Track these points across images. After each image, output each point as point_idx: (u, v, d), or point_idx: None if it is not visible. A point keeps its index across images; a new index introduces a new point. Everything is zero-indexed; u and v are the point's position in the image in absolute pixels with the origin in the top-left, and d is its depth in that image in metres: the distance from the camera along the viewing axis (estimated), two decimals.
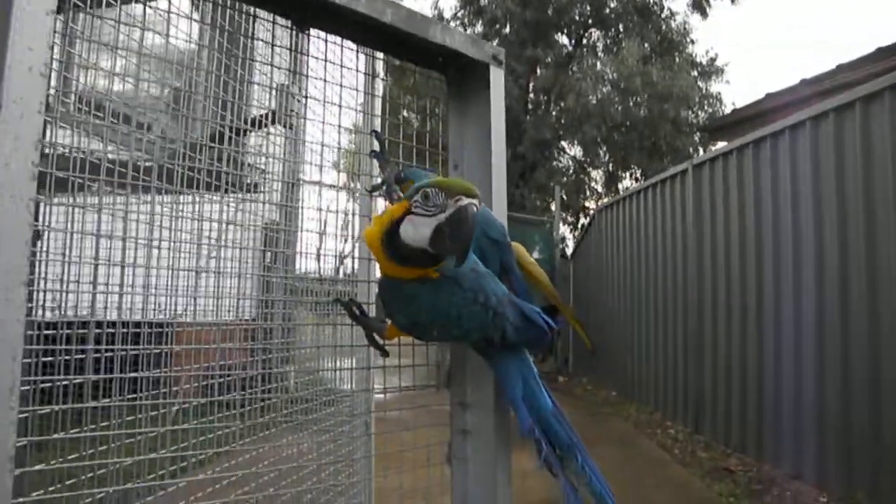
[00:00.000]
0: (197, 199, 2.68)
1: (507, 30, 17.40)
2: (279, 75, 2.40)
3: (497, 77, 1.62)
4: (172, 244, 2.34)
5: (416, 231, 1.28)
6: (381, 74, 2.53)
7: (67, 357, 2.27)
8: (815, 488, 5.45)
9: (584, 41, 18.86)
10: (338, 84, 1.82)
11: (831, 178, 5.45)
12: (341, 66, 1.64)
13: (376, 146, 1.71)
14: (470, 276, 1.37)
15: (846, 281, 5.26)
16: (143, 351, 2.39)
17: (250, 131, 2.66)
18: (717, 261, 7.35)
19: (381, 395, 3.35)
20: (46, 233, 2.38)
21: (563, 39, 18.88)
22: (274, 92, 2.57)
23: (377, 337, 1.55)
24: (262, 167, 3.19)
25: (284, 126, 2.62)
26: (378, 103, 2.42)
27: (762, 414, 6.35)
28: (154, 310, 2.81)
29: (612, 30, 18.63)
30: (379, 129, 1.72)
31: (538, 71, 18.41)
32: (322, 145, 2.10)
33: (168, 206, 2.46)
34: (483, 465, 1.53)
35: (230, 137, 2.42)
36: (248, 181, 3.13)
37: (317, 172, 2.34)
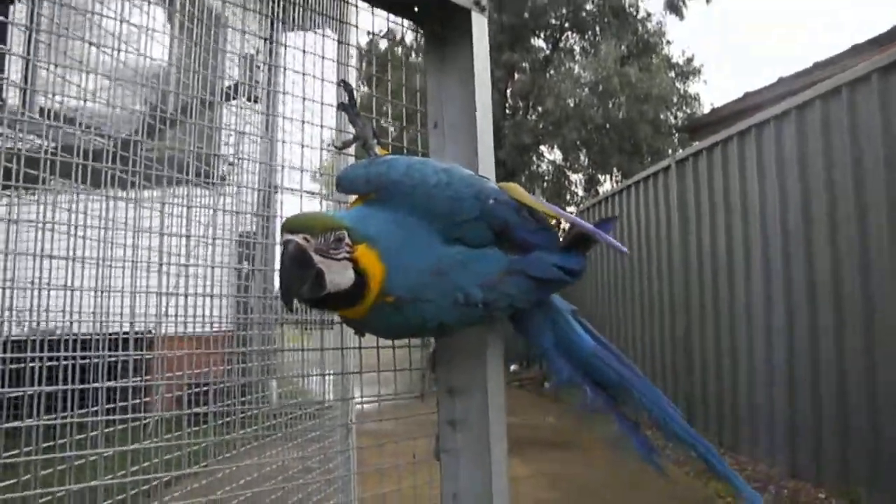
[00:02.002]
0: (160, 194, 2.47)
1: None
2: (247, 46, 2.22)
3: (480, 24, 1.45)
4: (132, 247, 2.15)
5: None
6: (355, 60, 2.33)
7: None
8: (813, 485, 5.32)
9: (561, 44, 18.82)
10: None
11: (819, 167, 5.34)
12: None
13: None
14: (434, 283, 1.18)
15: (838, 274, 5.15)
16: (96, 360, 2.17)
17: (218, 103, 2.44)
18: (703, 257, 7.23)
19: (360, 406, 3.17)
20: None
21: (540, 43, 18.86)
22: (240, 62, 2.39)
23: None
24: (232, 155, 2.98)
25: (250, 100, 2.42)
26: (353, 53, 2.21)
27: (755, 412, 6.22)
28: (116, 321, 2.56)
29: (589, 32, 18.60)
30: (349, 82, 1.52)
31: (515, 76, 18.35)
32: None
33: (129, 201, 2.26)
34: (475, 457, 1.34)
35: (197, 113, 2.22)
36: (219, 171, 2.93)
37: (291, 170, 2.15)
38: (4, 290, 1.93)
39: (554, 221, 1.31)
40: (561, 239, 1.30)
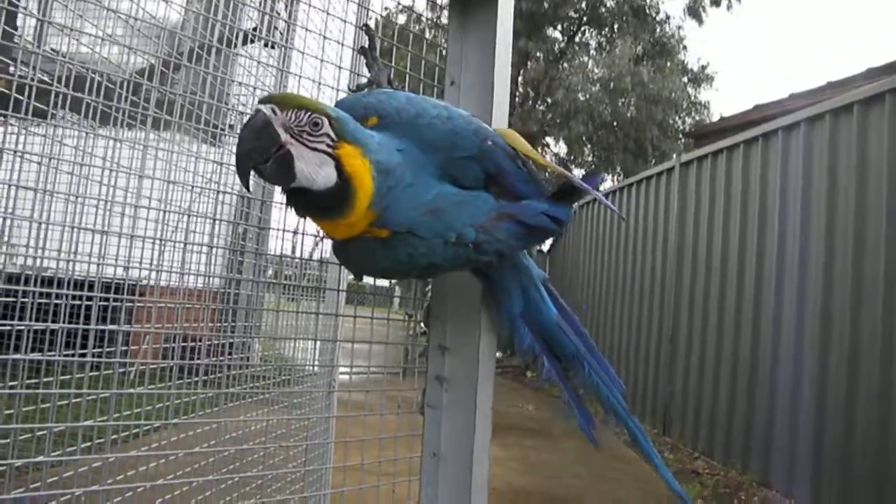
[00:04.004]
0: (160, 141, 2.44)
1: None
2: None
3: None
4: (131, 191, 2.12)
5: None
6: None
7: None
8: (783, 496, 5.35)
9: (577, 38, 18.77)
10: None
11: (823, 182, 5.33)
12: None
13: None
14: (429, 221, 1.14)
15: (829, 289, 5.16)
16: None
17: (234, 49, 2.40)
18: (697, 262, 7.24)
19: (346, 377, 3.17)
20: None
21: (557, 35, 18.80)
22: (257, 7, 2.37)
23: None
24: (241, 104, 2.95)
25: (267, 46, 2.39)
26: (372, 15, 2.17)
27: (732, 419, 6.26)
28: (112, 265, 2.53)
29: (606, 29, 18.54)
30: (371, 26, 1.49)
31: (528, 64, 18.29)
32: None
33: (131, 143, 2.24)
34: (459, 416, 1.34)
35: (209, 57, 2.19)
36: (228, 121, 2.89)
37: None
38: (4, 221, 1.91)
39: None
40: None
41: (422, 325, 1.52)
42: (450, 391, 1.36)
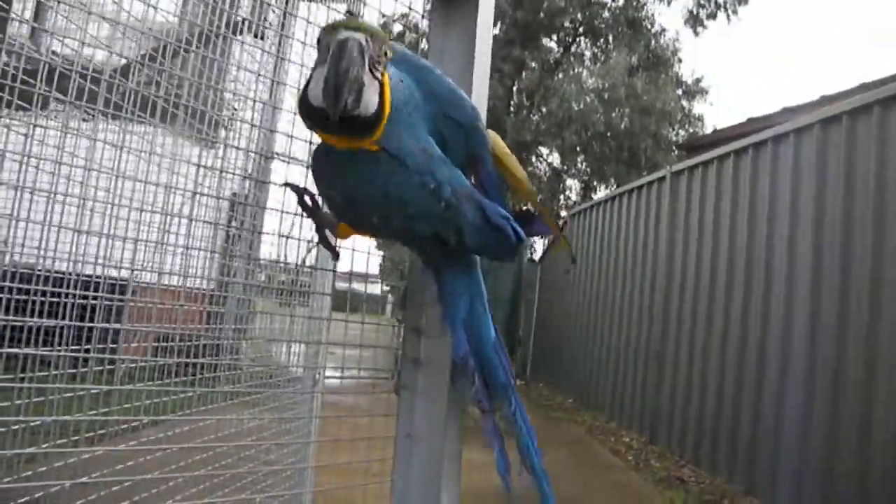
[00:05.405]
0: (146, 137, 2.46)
1: (497, 29, 17.25)
2: None
3: None
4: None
5: (316, 86, 1.04)
6: None
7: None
8: None
9: (573, 48, 18.85)
10: None
11: (811, 193, 5.38)
12: None
13: None
14: (417, 156, 1.14)
15: (817, 299, 5.19)
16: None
17: (223, 36, 2.41)
18: (686, 271, 7.28)
19: (333, 381, 3.19)
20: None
21: (552, 45, 18.88)
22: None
23: (329, 235, 1.38)
24: (234, 102, 2.98)
25: (256, 36, 2.41)
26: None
27: (718, 428, 6.28)
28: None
29: (602, 40, 18.63)
30: None
31: (523, 74, 18.37)
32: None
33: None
34: (433, 398, 1.37)
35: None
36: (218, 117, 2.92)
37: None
38: None
39: None
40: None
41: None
42: (424, 374, 1.40)
